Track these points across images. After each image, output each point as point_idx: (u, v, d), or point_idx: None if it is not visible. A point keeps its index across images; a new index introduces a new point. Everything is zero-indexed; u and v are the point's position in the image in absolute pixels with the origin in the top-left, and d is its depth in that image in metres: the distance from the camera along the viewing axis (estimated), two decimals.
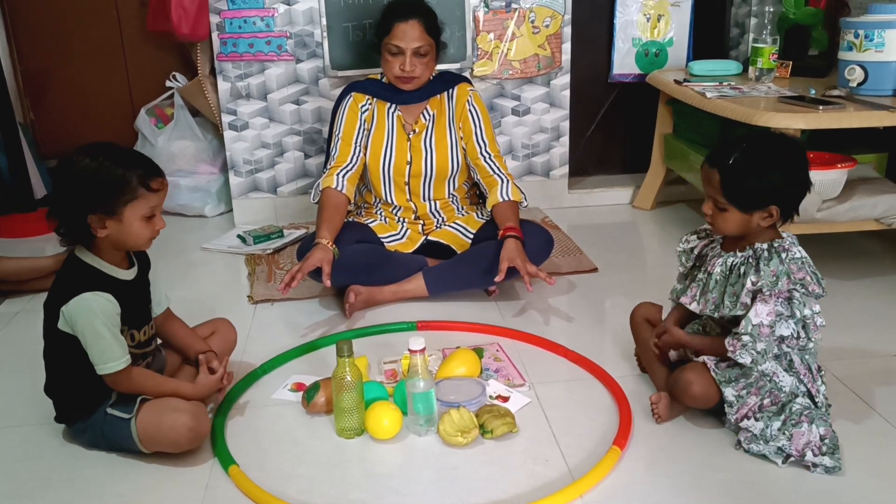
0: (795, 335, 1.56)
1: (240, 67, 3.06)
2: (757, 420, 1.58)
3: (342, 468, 1.60)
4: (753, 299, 1.57)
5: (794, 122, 2.20)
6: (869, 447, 1.62)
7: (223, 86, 3.08)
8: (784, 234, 1.62)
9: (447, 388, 1.78)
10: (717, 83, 2.74)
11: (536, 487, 1.52)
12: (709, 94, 2.54)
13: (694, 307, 1.70)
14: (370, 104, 2.47)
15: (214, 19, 3.01)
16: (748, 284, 1.57)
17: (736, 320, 1.61)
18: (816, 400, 1.63)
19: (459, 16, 3.03)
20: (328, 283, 2.17)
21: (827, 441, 1.55)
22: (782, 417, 1.57)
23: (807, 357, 1.64)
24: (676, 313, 1.80)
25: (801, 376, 1.62)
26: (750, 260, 1.59)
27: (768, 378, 1.60)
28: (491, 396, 1.81)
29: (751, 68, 2.79)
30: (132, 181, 1.53)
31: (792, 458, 1.56)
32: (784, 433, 1.56)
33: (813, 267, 1.58)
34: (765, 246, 1.58)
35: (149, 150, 3.31)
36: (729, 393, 1.59)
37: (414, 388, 1.66)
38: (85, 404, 1.64)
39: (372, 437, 1.68)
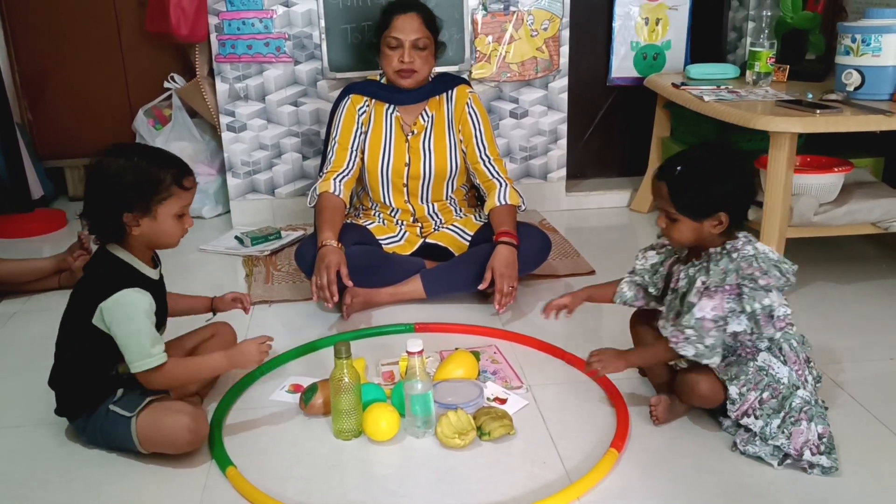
0: (749, 331, 1.59)
1: (238, 69, 3.06)
2: (757, 417, 1.59)
3: (340, 470, 1.60)
4: (703, 297, 1.60)
5: (791, 125, 2.20)
6: (865, 450, 1.62)
7: (221, 87, 3.08)
8: (739, 235, 1.64)
9: (445, 390, 1.78)
10: (715, 87, 2.75)
11: (534, 489, 1.52)
12: (706, 98, 2.54)
13: (670, 330, 1.67)
14: (368, 105, 2.48)
15: (213, 21, 3.01)
16: (698, 284, 1.60)
17: None
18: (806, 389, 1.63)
19: (458, 18, 3.04)
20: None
21: (825, 440, 1.56)
22: (782, 415, 1.58)
23: (794, 343, 1.64)
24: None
25: (791, 364, 1.63)
26: (703, 264, 1.63)
27: (765, 372, 1.60)
28: (488, 399, 1.81)
29: (748, 72, 2.79)
30: (166, 180, 1.57)
31: (789, 460, 1.56)
32: (783, 431, 1.56)
33: (773, 260, 1.60)
34: (718, 248, 1.62)
35: None
36: (733, 390, 1.60)
37: (412, 389, 1.66)
38: (89, 399, 1.64)
39: (369, 438, 1.68)
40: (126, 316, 1.55)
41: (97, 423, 1.63)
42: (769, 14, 2.79)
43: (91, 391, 1.63)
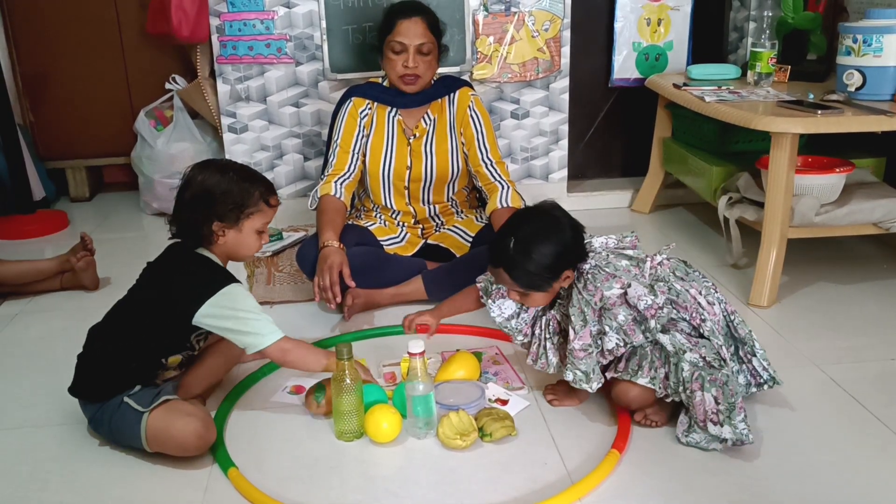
0: (621, 343, 1.63)
1: (239, 70, 3.07)
2: (668, 397, 1.64)
3: (341, 471, 1.60)
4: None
5: (793, 126, 2.20)
6: (867, 451, 1.62)
7: (223, 88, 3.09)
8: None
9: (446, 391, 1.78)
10: (716, 87, 2.75)
11: (535, 490, 1.52)
12: (708, 98, 2.54)
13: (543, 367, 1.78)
14: (370, 109, 2.47)
15: (214, 22, 3.01)
16: (570, 332, 1.65)
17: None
18: (716, 341, 1.63)
19: (459, 19, 3.04)
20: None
21: (722, 406, 1.56)
22: (679, 389, 1.60)
23: (676, 289, 1.65)
24: None
25: (684, 311, 1.65)
26: (563, 305, 1.71)
27: (659, 346, 1.64)
28: (490, 400, 1.81)
29: (749, 72, 2.79)
30: (255, 195, 1.70)
31: (727, 442, 1.58)
32: (690, 407, 1.60)
33: (613, 253, 1.66)
34: (566, 286, 1.68)
35: (148, 152, 3.32)
36: (644, 382, 1.63)
37: (413, 391, 1.67)
38: (109, 386, 1.65)
39: (371, 439, 1.68)
40: (242, 303, 1.65)
41: (108, 412, 1.64)
42: (770, 14, 2.79)
43: (113, 379, 1.65)
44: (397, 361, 1.99)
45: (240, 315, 1.64)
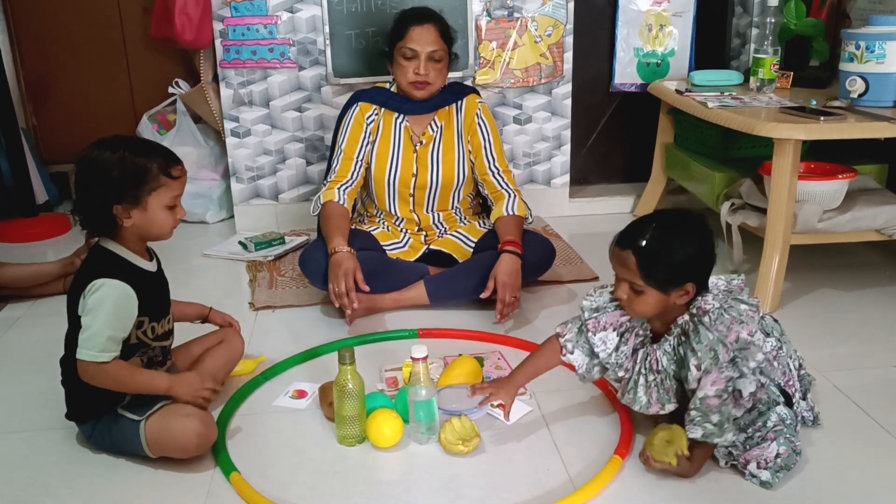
0: (760, 384, 1.52)
1: (242, 74, 3.07)
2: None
3: (343, 476, 1.60)
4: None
5: (795, 132, 2.20)
6: (869, 458, 1.62)
7: (226, 92, 3.09)
8: (693, 297, 1.53)
9: (449, 397, 1.78)
10: (719, 93, 2.75)
11: (538, 496, 1.52)
12: (710, 104, 2.54)
13: (656, 410, 1.62)
14: (377, 114, 2.47)
15: (218, 26, 3.02)
16: (692, 371, 1.50)
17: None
18: (797, 406, 1.62)
19: (462, 24, 3.04)
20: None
21: (779, 460, 1.52)
22: (750, 431, 1.55)
23: (784, 354, 1.63)
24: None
25: (781, 376, 1.61)
26: (682, 339, 1.54)
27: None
28: (492, 405, 1.81)
29: (752, 79, 2.80)
30: (153, 169, 1.57)
31: (734, 462, 1.56)
32: (746, 446, 1.55)
33: (736, 299, 1.53)
34: (686, 318, 1.54)
35: None
36: (728, 439, 1.53)
37: (415, 396, 1.66)
38: (98, 403, 1.64)
39: (373, 445, 1.68)
40: (96, 302, 1.54)
41: (105, 427, 1.63)
42: (773, 21, 2.79)
43: (98, 395, 1.63)
44: (399, 366, 1.99)
45: (88, 314, 1.55)
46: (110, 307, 1.55)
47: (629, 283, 1.53)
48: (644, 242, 1.48)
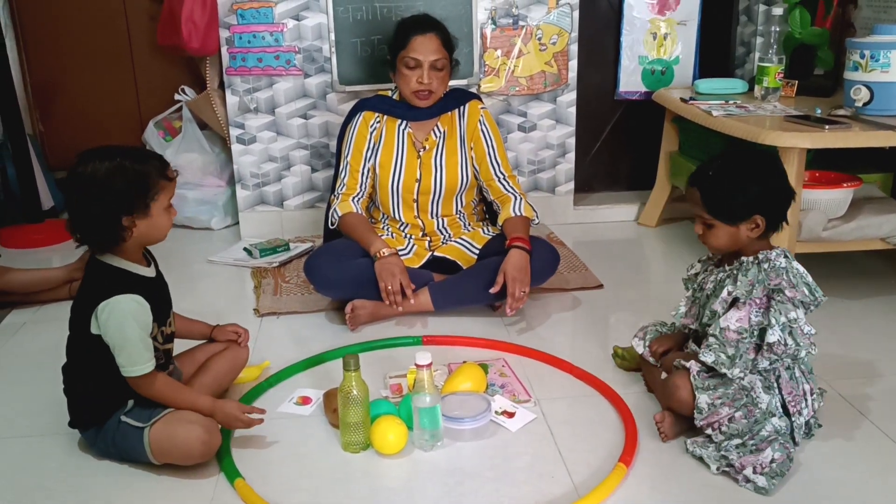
0: (783, 342, 1.56)
1: (248, 81, 3.08)
2: (721, 432, 1.59)
3: (347, 482, 1.60)
4: (730, 308, 1.60)
5: (800, 141, 2.20)
6: (875, 468, 1.61)
7: (231, 99, 3.10)
8: (775, 247, 1.63)
9: (453, 404, 1.78)
10: (723, 101, 2.75)
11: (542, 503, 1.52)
12: (715, 113, 2.55)
13: (688, 322, 1.78)
14: (380, 122, 2.48)
15: (224, 34, 3.03)
16: (724, 294, 1.61)
17: None
18: (795, 422, 1.62)
19: (467, 32, 3.05)
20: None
21: (774, 465, 1.53)
22: (745, 438, 1.57)
23: (797, 374, 1.63)
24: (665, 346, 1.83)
25: (786, 394, 1.62)
26: (733, 272, 1.62)
27: (746, 392, 1.60)
28: (497, 412, 1.81)
29: (756, 87, 2.80)
30: (153, 174, 1.56)
31: (728, 469, 1.56)
32: (739, 452, 1.56)
33: (804, 277, 1.59)
34: (750, 258, 1.61)
35: None
36: (703, 400, 1.60)
37: (420, 402, 1.66)
38: (100, 410, 1.64)
39: (377, 451, 1.68)
40: (117, 323, 1.55)
41: (108, 434, 1.63)
42: (777, 29, 2.80)
43: (101, 402, 1.64)
44: (404, 373, 1.99)
45: (115, 335, 1.55)
46: (131, 321, 1.55)
47: (701, 218, 1.64)
48: (706, 178, 1.59)
